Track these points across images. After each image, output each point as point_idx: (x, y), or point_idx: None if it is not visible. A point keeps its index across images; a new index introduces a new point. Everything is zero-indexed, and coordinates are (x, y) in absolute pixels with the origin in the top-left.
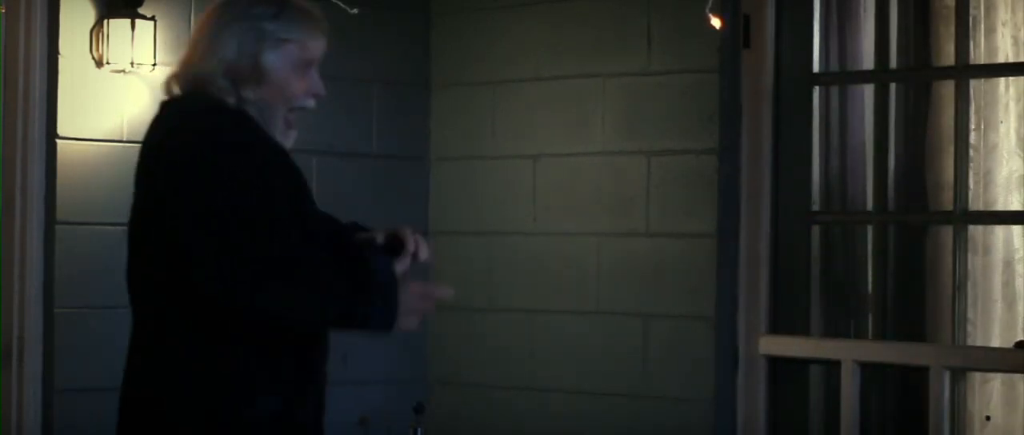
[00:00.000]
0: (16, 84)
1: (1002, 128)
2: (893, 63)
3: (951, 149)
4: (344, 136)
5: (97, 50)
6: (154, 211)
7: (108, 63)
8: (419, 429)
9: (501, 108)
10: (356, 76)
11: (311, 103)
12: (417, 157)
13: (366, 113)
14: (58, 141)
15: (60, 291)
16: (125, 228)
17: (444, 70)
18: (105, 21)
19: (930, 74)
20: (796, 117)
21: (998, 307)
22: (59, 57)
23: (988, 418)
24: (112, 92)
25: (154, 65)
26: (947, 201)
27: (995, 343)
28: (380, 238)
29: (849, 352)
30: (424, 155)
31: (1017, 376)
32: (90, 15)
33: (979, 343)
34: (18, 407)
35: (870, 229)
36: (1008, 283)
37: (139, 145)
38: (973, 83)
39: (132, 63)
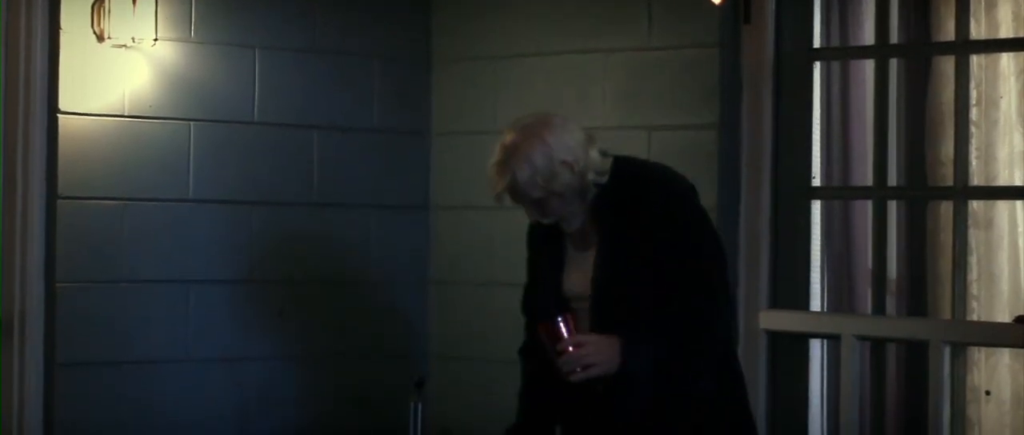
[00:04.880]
0: (17, 59)
1: (1003, 104)
2: (894, 38)
3: (952, 125)
4: (346, 111)
5: (98, 25)
6: None
7: (109, 38)
8: (419, 404)
9: (502, 83)
10: (358, 51)
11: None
12: (418, 132)
13: (367, 88)
14: (59, 116)
15: (61, 266)
16: (126, 202)
17: (446, 45)
18: None
19: (931, 49)
20: (796, 92)
21: (1001, 282)
22: (60, 32)
23: (988, 393)
24: (113, 67)
25: (155, 40)
26: (948, 176)
27: (999, 318)
28: None
29: (849, 327)
30: (425, 130)
31: (1021, 351)
32: None
33: (983, 318)
34: (19, 381)
35: (870, 204)
36: (1012, 258)
37: (141, 119)
38: (974, 59)
39: (133, 38)
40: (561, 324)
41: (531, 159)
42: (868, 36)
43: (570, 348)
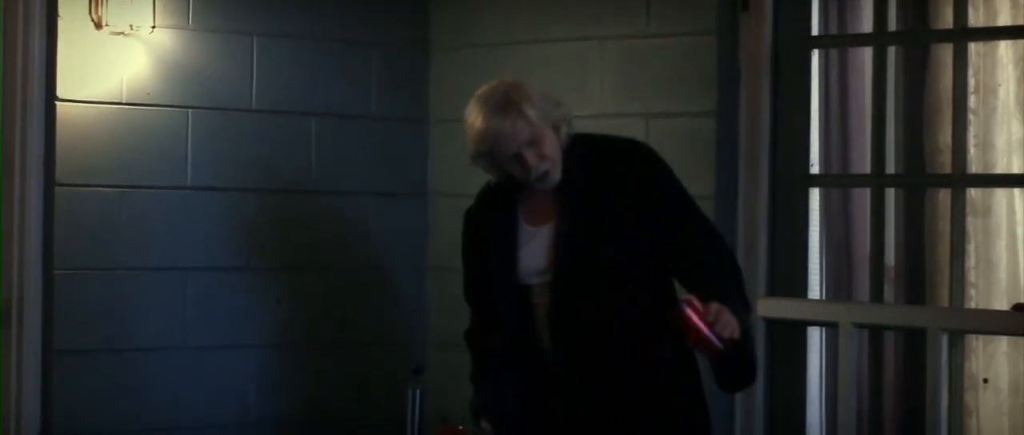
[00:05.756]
0: (16, 47)
1: (1001, 91)
2: (892, 26)
3: (950, 112)
4: (344, 98)
5: (96, 12)
6: None
7: (107, 25)
8: (418, 390)
9: (501, 70)
10: (356, 39)
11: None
12: (417, 119)
13: (366, 75)
14: (57, 103)
15: (59, 253)
16: (124, 189)
17: (444, 33)
18: None
19: (929, 37)
20: (794, 80)
21: (999, 270)
22: (58, 19)
23: (986, 380)
24: (111, 54)
25: (153, 27)
26: (946, 164)
27: (997, 306)
28: None
29: (847, 314)
30: (424, 117)
31: (1019, 339)
32: None
33: (981, 306)
34: (17, 368)
35: (868, 192)
36: (1010, 246)
37: (139, 107)
38: (972, 46)
39: (131, 25)
40: (688, 307)
41: (529, 95)
42: (866, 24)
43: (712, 318)
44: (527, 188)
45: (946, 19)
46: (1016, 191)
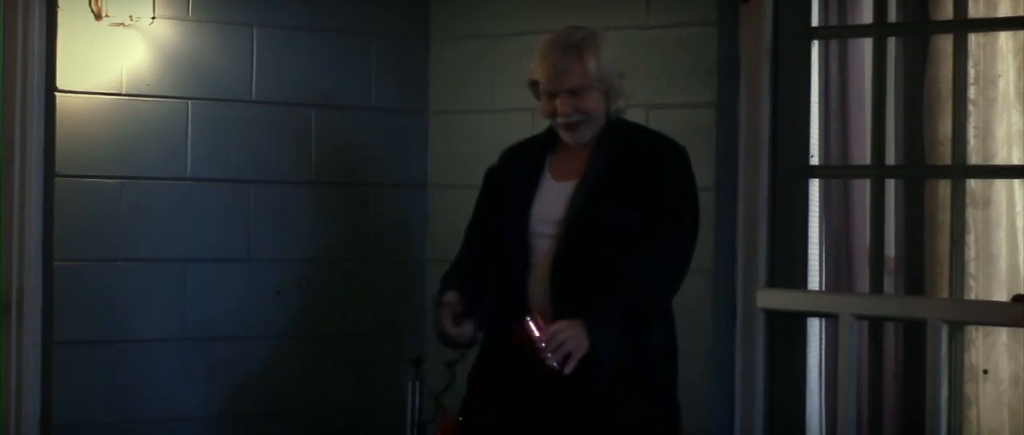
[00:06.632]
0: (15, 37)
1: (1001, 82)
2: (892, 17)
3: (950, 103)
4: (343, 89)
5: (96, 3)
6: None
7: (107, 16)
8: (417, 381)
9: (500, 62)
10: (356, 29)
11: (559, 122)
12: (416, 110)
13: (366, 66)
14: (57, 94)
15: (59, 244)
16: (124, 181)
17: (444, 24)
18: None
19: (929, 28)
20: (794, 71)
21: (999, 261)
22: (58, 10)
23: (986, 372)
24: (111, 45)
25: (153, 18)
26: (946, 155)
27: (997, 297)
28: None
29: (847, 306)
30: (423, 108)
31: (1019, 330)
32: None
33: (981, 297)
34: (17, 360)
35: (868, 183)
36: (1010, 237)
37: (138, 98)
38: (972, 37)
39: (131, 16)
40: (531, 322)
41: (598, 50)
42: (866, 15)
43: (545, 343)
44: (560, 144)
45: (946, 10)
46: (1016, 182)
